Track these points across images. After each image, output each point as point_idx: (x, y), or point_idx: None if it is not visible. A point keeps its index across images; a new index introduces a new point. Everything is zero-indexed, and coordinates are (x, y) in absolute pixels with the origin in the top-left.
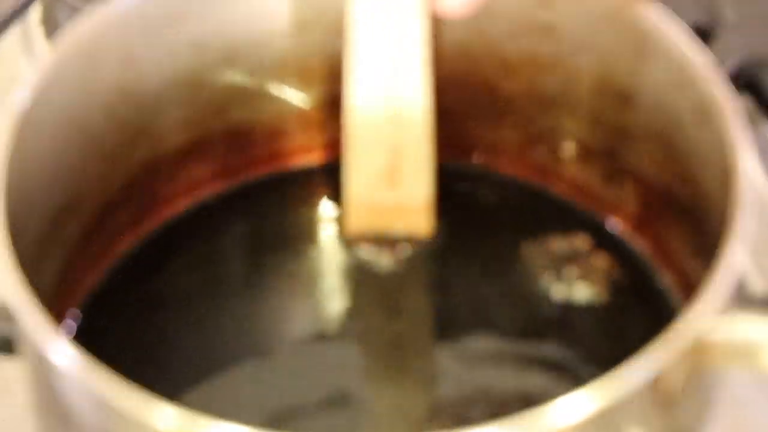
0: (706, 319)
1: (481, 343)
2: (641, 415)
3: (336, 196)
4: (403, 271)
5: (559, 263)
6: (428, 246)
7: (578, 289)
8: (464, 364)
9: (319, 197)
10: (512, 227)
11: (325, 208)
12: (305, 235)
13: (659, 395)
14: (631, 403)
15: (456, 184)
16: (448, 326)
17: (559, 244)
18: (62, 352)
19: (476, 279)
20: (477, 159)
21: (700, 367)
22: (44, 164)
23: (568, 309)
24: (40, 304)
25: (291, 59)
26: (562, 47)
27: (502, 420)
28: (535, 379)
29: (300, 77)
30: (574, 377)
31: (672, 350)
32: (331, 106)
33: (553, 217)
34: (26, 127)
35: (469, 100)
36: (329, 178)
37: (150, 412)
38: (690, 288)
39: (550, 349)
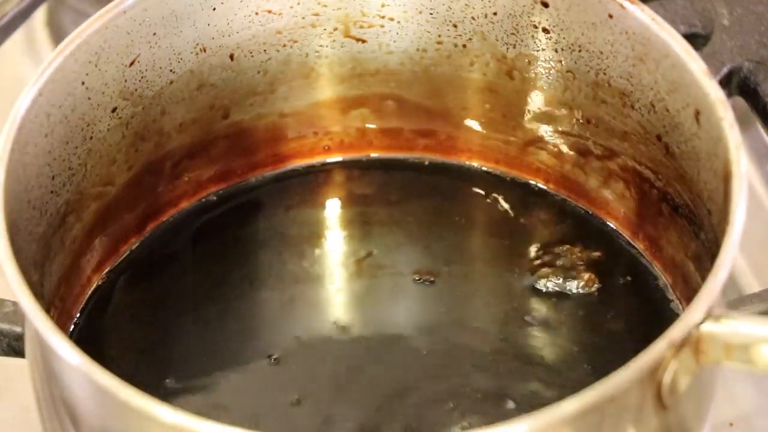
0: (702, 318)
1: (479, 340)
2: (639, 414)
3: (336, 195)
4: (403, 268)
5: (558, 263)
6: (430, 243)
7: (576, 289)
8: (463, 361)
9: (319, 197)
10: (511, 227)
11: (325, 208)
12: (305, 235)
13: (656, 394)
14: (629, 401)
15: (454, 184)
16: (447, 323)
17: (557, 244)
18: (66, 351)
19: (475, 278)
20: (476, 159)
21: (697, 366)
22: (47, 165)
23: (566, 308)
24: (45, 304)
25: (293, 59)
26: (560, 49)
27: (502, 419)
28: (533, 378)
29: (302, 77)
30: (572, 377)
31: (669, 349)
32: (332, 106)
33: (552, 217)
34: (30, 128)
35: (467, 100)
36: (329, 178)
37: (151, 409)
38: (687, 287)
39: (549, 348)
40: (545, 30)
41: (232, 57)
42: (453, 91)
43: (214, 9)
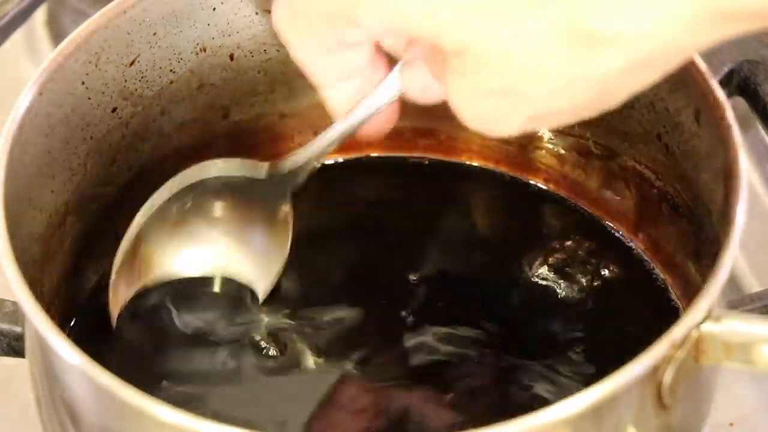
0: (702, 318)
1: (478, 339)
2: (639, 414)
3: (336, 195)
4: (402, 267)
5: (559, 263)
6: (430, 243)
7: (577, 289)
8: (465, 360)
9: (319, 197)
10: (512, 228)
11: (326, 208)
12: (304, 235)
13: (656, 394)
14: (629, 401)
15: (456, 185)
16: (450, 322)
17: (558, 244)
18: (66, 351)
19: (476, 279)
20: (476, 159)
21: (697, 366)
22: (47, 165)
23: (567, 308)
24: (45, 303)
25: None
26: None
27: (502, 419)
28: (532, 377)
29: (302, 78)
30: (573, 377)
31: (669, 349)
32: None
33: (553, 217)
34: (30, 128)
35: None
36: (329, 177)
37: (151, 409)
38: (688, 287)
39: (549, 347)
40: None
41: (232, 57)
42: None
43: (214, 9)
